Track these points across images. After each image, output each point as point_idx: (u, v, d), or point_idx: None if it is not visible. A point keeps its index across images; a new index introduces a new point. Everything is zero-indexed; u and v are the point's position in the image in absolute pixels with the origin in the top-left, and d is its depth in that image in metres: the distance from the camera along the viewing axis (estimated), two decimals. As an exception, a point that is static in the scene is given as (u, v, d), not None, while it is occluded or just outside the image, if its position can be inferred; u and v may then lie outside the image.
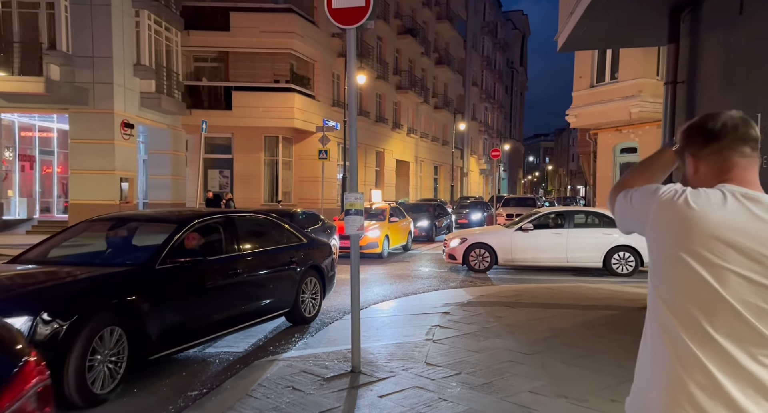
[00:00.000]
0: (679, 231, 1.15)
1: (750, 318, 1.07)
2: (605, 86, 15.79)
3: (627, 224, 1.37)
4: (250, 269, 5.09)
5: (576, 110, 16.74)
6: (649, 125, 15.25)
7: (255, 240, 5.49)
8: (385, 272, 10.25)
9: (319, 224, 10.47)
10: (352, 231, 4.09)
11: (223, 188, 21.59)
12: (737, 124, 1.23)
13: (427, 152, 37.18)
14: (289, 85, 20.53)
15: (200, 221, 4.73)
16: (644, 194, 1.28)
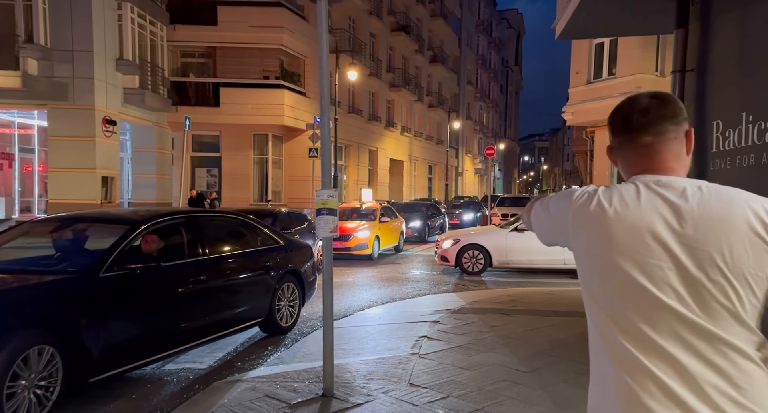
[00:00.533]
0: (599, 237, 1.08)
1: (690, 316, 1.00)
2: (603, 82, 15.36)
3: (547, 236, 1.29)
4: (217, 276, 4.58)
5: (572, 107, 16.31)
6: (647, 122, 14.82)
7: (224, 243, 4.98)
8: (374, 275, 9.75)
9: (305, 224, 9.96)
10: (324, 233, 3.59)
11: (211, 187, 21.04)
12: (647, 107, 1.13)
13: (421, 151, 36.71)
14: (279, 82, 19.99)
15: (157, 223, 4.21)
16: (561, 200, 1.21)
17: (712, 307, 0.99)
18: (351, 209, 13.74)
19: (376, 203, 13.75)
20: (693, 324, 0.99)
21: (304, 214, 10.33)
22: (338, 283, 8.81)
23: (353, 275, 9.83)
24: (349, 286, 8.55)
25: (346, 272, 10.19)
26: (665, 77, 14.39)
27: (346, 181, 26.18)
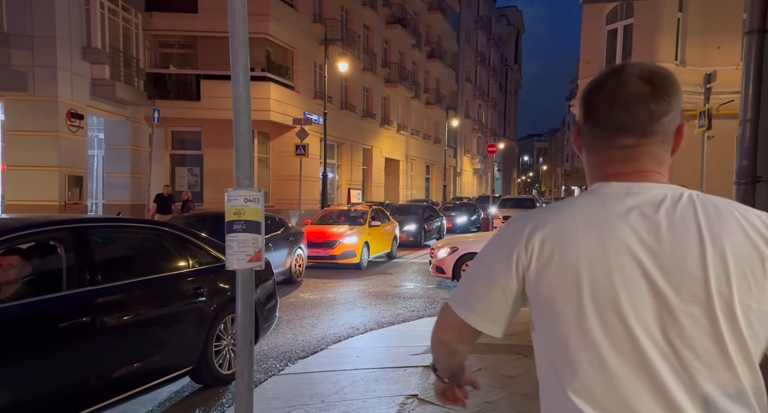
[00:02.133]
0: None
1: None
2: (616, 73, 14.01)
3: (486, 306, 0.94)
4: (116, 312, 3.20)
5: (582, 100, 14.95)
6: (665, 116, 13.49)
7: (130, 264, 3.59)
8: (360, 290, 8.37)
9: (280, 230, 8.57)
10: (240, 263, 2.20)
11: (193, 187, 19.63)
12: (635, 97, 0.87)
13: (418, 150, 35.36)
14: (265, 74, 18.58)
15: (17, 237, 2.83)
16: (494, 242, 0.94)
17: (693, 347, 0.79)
18: (338, 212, 12.36)
19: (366, 205, 12.38)
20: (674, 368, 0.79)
21: (280, 218, 8.94)
22: (316, 301, 7.43)
23: (335, 289, 8.45)
24: (329, 305, 7.17)
25: (329, 285, 8.81)
26: (686, 67, 13.07)
27: (339, 181, 24.81)
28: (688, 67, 13.03)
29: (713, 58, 12.71)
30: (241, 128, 2.29)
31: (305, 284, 8.80)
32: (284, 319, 6.26)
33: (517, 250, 0.87)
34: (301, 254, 8.99)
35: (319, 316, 6.48)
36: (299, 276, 8.92)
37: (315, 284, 8.89)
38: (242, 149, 2.26)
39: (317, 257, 10.31)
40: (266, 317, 4.58)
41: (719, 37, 12.88)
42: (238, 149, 2.25)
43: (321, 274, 9.98)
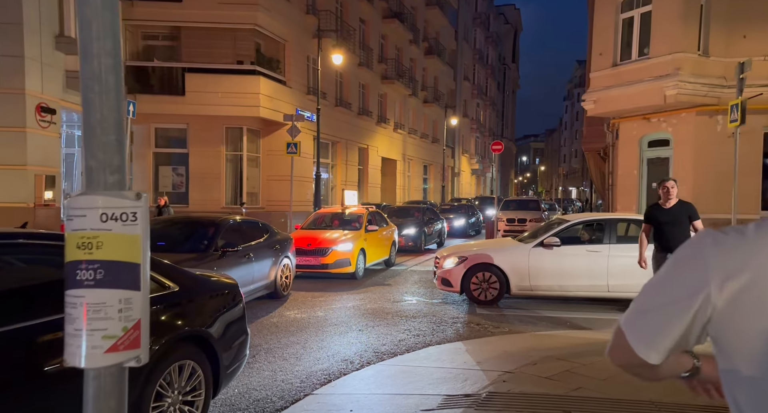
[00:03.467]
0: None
1: None
2: (632, 64, 12.98)
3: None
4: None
5: (595, 94, 13.92)
6: (686, 111, 12.48)
7: (22, 300, 2.48)
8: (355, 306, 7.27)
9: (263, 237, 7.46)
10: (92, 360, 1.07)
11: (177, 187, 18.49)
12: None
13: (415, 149, 34.29)
14: (254, 68, 17.47)
15: None
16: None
17: None
18: (331, 216, 11.27)
19: (363, 207, 11.29)
20: None
21: (264, 224, 7.84)
22: (303, 322, 6.33)
23: (327, 305, 7.35)
24: (318, 327, 6.07)
25: (319, 300, 7.70)
26: (709, 57, 12.06)
27: (333, 181, 23.70)
28: (711, 58, 12.01)
29: (739, 48, 11.70)
30: (95, 62, 1.14)
31: (292, 299, 7.71)
32: (263, 348, 5.16)
33: (706, 290, 0.81)
34: (288, 264, 7.89)
35: (305, 343, 5.38)
36: (286, 289, 7.82)
37: (303, 298, 7.79)
38: (96, 106, 1.11)
39: (307, 266, 9.21)
40: (232, 358, 3.48)
41: (746, 25, 11.88)
42: (89, 108, 1.11)
43: (311, 286, 8.89)
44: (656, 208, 5.67)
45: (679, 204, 5.56)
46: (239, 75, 17.46)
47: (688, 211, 5.50)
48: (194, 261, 5.67)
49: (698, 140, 12.41)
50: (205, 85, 17.19)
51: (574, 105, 78.42)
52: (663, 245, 5.47)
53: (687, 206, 5.55)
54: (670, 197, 5.55)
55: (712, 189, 12.15)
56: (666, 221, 5.46)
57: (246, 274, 6.61)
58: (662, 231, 5.48)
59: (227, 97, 17.19)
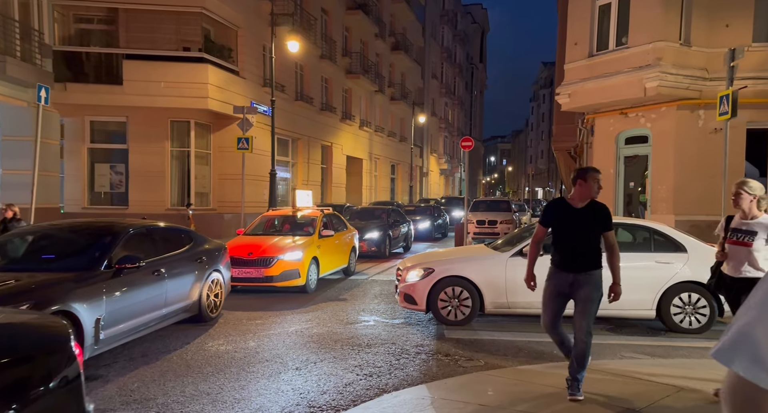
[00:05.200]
0: None
1: None
2: (610, 55, 12.10)
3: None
4: None
5: (570, 87, 12.99)
6: (666, 105, 11.67)
7: None
8: (297, 333, 5.94)
9: (184, 247, 6.04)
10: None
11: (116, 187, 16.69)
12: None
13: (382, 148, 33.08)
14: (202, 55, 15.87)
15: None
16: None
17: None
18: (280, 219, 9.89)
19: (317, 209, 9.97)
20: None
21: (187, 230, 6.41)
22: (226, 358, 4.96)
23: (263, 331, 6.00)
24: (243, 366, 4.73)
25: (255, 323, 6.34)
26: (691, 47, 11.27)
27: (294, 181, 22.22)
28: (693, 47, 11.22)
29: (721, 37, 10.94)
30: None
31: (222, 323, 6.32)
32: (156, 403, 3.79)
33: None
34: (218, 279, 6.49)
35: (218, 394, 4.03)
36: (215, 310, 6.42)
37: (236, 321, 6.42)
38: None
39: (248, 279, 7.82)
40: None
41: (728, 13, 11.14)
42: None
43: (250, 303, 7.51)
44: (561, 205, 3.93)
45: (593, 206, 3.85)
46: (185, 63, 15.82)
47: (602, 218, 3.82)
48: (71, 283, 4.25)
49: (679, 137, 11.61)
50: (146, 73, 15.49)
51: (540, 106, 79.00)
52: (564, 260, 3.82)
53: (601, 211, 3.84)
54: (594, 195, 3.86)
55: (694, 189, 11.37)
56: (573, 227, 3.80)
57: (154, 296, 5.20)
58: (565, 240, 3.83)
59: (171, 88, 15.53)
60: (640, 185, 13.05)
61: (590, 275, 3.74)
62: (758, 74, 10.83)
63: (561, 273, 3.84)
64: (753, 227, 3.87)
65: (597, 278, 3.76)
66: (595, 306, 3.76)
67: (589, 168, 3.90)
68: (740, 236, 3.91)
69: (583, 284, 3.73)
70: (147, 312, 5.10)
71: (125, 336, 4.83)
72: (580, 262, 3.79)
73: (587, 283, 3.72)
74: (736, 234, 3.91)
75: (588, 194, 3.80)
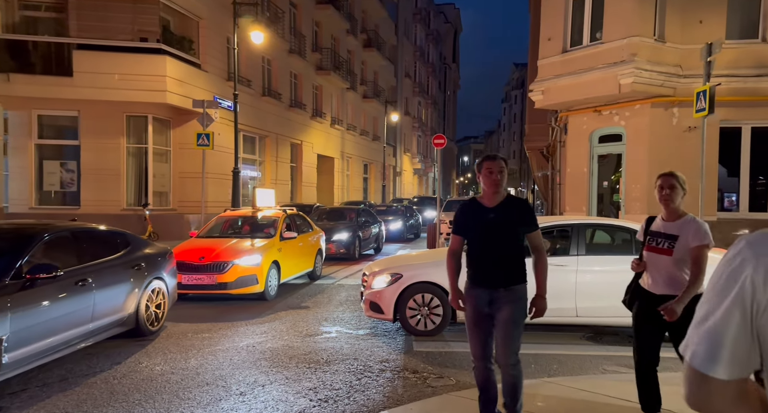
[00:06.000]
0: None
1: None
2: (584, 50, 11.81)
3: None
4: None
5: (543, 83, 12.67)
6: (640, 102, 11.44)
7: None
8: (249, 348, 5.31)
9: (120, 252, 5.33)
10: None
11: (67, 185, 15.62)
12: None
13: (355, 147, 32.45)
14: (160, 46, 14.95)
15: None
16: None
17: None
18: (239, 220, 9.19)
19: (279, 209, 9.30)
20: None
21: (123, 233, 5.69)
22: (161, 380, 4.29)
23: (209, 346, 5.34)
24: (177, 391, 4.08)
25: (202, 337, 5.67)
26: (665, 43, 11.06)
27: (262, 179, 21.40)
28: (667, 44, 11.02)
29: (695, 34, 10.77)
30: None
31: (165, 337, 5.64)
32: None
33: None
34: (160, 288, 5.79)
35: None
36: (156, 323, 5.72)
37: (181, 334, 5.74)
38: None
39: (199, 286, 7.13)
40: None
41: (702, 9, 10.98)
42: None
43: (201, 312, 6.82)
44: (472, 206, 3.14)
45: (508, 203, 3.07)
46: (142, 54, 14.88)
47: (520, 216, 3.06)
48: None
49: (653, 135, 11.40)
50: (98, 65, 14.50)
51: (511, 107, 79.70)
52: (479, 274, 3.06)
53: (519, 208, 3.07)
54: (498, 187, 3.03)
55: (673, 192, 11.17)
56: (485, 231, 3.04)
57: (79, 309, 4.50)
58: (477, 248, 3.08)
59: (127, 80, 14.58)
60: (614, 185, 12.84)
61: (511, 292, 2.99)
62: (731, 72, 10.70)
63: (477, 290, 3.06)
64: (675, 230, 3.10)
65: (520, 294, 3.03)
66: (518, 330, 3.02)
67: (487, 156, 3.08)
68: (660, 242, 3.13)
69: (503, 302, 2.98)
70: (68, 328, 4.39)
71: (39, 357, 4.12)
72: (497, 275, 3.01)
73: (508, 301, 2.97)
74: (656, 239, 3.16)
75: (493, 187, 3.01)
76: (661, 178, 3.18)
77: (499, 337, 3.04)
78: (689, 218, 3.12)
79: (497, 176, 3.01)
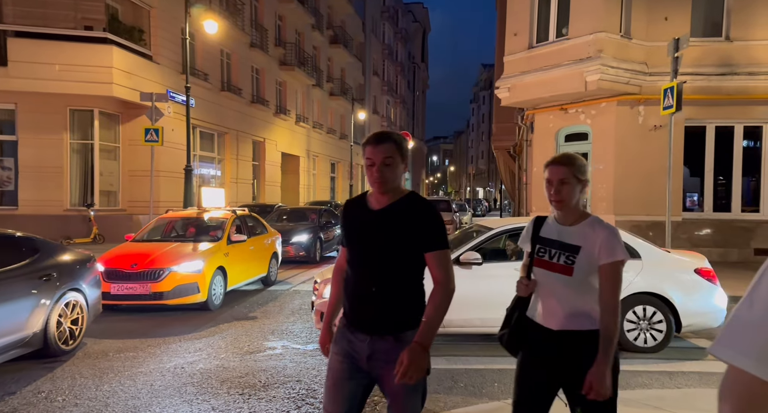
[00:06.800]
0: None
1: None
2: (550, 46, 11.53)
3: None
4: None
5: (509, 80, 12.34)
6: (606, 100, 11.24)
7: None
8: (176, 370, 4.65)
9: (25, 260, 4.58)
10: None
11: (4, 184, 14.43)
12: None
13: (321, 145, 31.72)
14: (105, 35, 13.95)
15: None
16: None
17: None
18: (183, 223, 8.45)
19: (228, 210, 8.60)
20: None
21: (32, 239, 4.93)
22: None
23: (129, 368, 4.65)
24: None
25: (124, 356, 4.97)
26: (631, 40, 10.88)
27: (222, 178, 20.47)
28: (633, 40, 10.84)
29: (660, 31, 10.62)
30: None
31: (80, 358, 4.92)
32: None
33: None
34: (77, 301, 5.06)
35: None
36: (71, 342, 4.99)
37: (99, 355, 5.03)
38: None
39: (131, 296, 6.39)
40: None
41: (667, 6, 10.85)
42: None
43: (131, 327, 6.09)
44: (358, 206, 2.12)
45: (401, 204, 2.00)
46: (86, 44, 13.86)
47: (419, 225, 1.96)
48: None
49: (619, 134, 11.22)
50: (37, 54, 13.41)
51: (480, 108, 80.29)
52: (353, 308, 2.03)
53: (413, 212, 1.97)
54: (382, 186, 1.97)
55: (634, 188, 11.00)
56: (363, 244, 2.03)
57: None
58: (353, 268, 2.04)
59: (69, 71, 13.54)
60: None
61: (401, 342, 1.90)
62: (696, 70, 10.60)
63: (352, 334, 1.99)
64: (575, 238, 2.06)
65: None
66: (418, 402, 1.96)
67: (368, 139, 1.99)
68: (555, 255, 2.08)
69: (387, 358, 1.90)
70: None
71: None
72: (380, 313, 1.94)
73: (393, 357, 1.87)
74: (549, 250, 2.10)
75: (376, 186, 1.96)
76: (548, 168, 2.09)
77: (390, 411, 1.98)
78: (593, 221, 2.07)
79: (379, 172, 1.91)
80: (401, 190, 2.02)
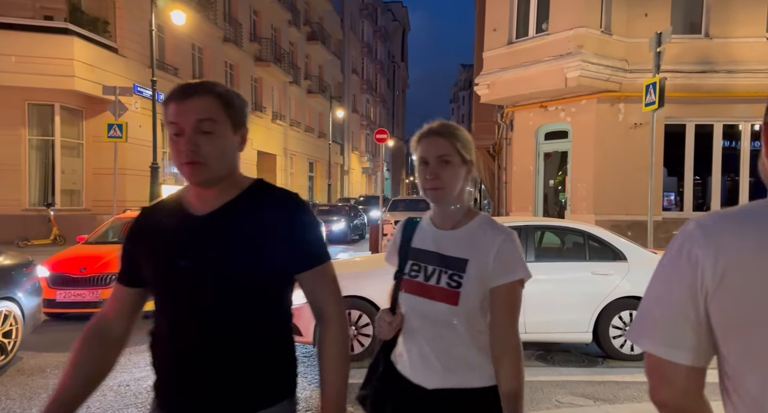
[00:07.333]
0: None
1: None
2: (530, 42, 11.28)
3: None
4: None
5: (489, 77, 12.06)
6: (586, 97, 11.03)
7: None
8: (120, 387, 4.18)
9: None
10: None
11: (-45, 184, 13.53)
12: None
13: (299, 144, 31.14)
14: (66, 25, 13.22)
15: None
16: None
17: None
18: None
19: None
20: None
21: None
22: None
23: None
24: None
25: (54, 373, 4.43)
26: (612, 36, 10.69)
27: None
28: (614, 36, 10.66)
29: (640, 27, 10.45)
30: None
31: (11, 375, 4.40)
32: None
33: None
34: (10, 311, 4.54)
35: None
36: (0, 358, 4.46)
37: (36, 370, 4.52)
38: None
39: (80, 304, 5.85)
40: None
41: (647, 2, 10.70)
42: None
43: (76, 338, 5.54)
44: (166, 214, 1.27)
45: (251, 201, 1.26)
46: (45, 34, 13.11)
47: (281, 224, 1.22)
48: None
49: (599, 132, 11.03)
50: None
51: (459, 108, 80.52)
52: (171, 378, 1.22)
53: (276, 208, 1.26)
54: (201, 168, 1.18)
55: (614, 187, 10.82)
56: (186, 268, 1.17)
57: None
58: (169, 309, 1.22)
59: (27, 63, 12.79)
60: (559, 184, 12.44)
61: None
62: (676, 68, 10.46)
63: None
64: (461, 248, 1.41)
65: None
66: None
67: (174, 89, 1.21)
68: (432, 273, 1.42)
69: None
70: None
71: None
72: (214, 382, 1.16)
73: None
74: (423, 267, 1.45)
75: (200, 166, 1.17)
76: (422, 142, 1.45)
77: None
78: (484, 222, 1.45)
79: (190, 144, 1.15)
80: (241, 178, 1.26)
